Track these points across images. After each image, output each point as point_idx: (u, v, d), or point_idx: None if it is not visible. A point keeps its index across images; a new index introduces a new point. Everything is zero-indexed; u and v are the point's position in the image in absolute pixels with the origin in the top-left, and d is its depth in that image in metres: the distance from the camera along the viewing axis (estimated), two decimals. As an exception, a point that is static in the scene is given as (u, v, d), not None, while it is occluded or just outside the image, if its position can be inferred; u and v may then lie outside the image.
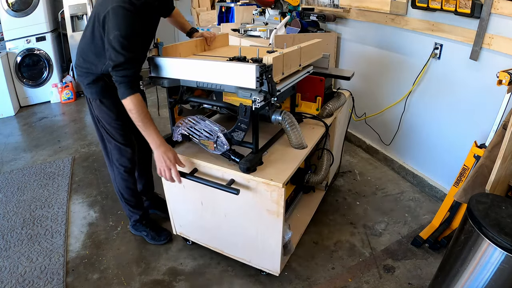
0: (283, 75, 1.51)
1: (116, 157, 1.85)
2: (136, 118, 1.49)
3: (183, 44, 1.73)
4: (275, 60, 1.37)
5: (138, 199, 2.02)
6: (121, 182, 1.91)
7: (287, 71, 1.55)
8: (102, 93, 1.68)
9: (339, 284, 1.77)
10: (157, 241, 2.02)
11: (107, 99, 1.70)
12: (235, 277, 1.81)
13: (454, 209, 1.95)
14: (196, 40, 1.84)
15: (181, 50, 1.72)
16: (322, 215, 2.24)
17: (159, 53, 1.57)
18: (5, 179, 2.71)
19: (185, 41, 1.76)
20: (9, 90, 3.99)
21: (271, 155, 1.64)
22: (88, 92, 1.71)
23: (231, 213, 1.65)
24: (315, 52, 1.83)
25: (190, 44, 1.80)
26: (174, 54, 1.66)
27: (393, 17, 2.47)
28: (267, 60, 1.35)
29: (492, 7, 1.80)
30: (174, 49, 1.66)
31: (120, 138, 1.79)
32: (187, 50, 1.77)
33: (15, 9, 3.95)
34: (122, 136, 1.79)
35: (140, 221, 2.05)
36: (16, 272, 1.84)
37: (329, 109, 1.98)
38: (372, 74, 2.82)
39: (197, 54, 1.84)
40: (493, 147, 1.63)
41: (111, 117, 1.73)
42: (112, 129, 1.76)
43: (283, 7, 2.83)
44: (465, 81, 2.09)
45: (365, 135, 3.09)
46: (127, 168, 1.87)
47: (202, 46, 1.90)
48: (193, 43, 1.82)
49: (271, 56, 1.36)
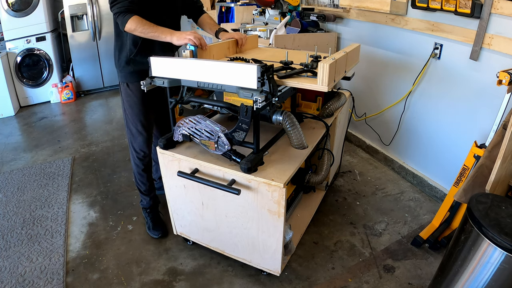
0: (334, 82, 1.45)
1: (131, 141, 2.00)
2: (143, 32, 1.63)
3: (216, 45, 1.74)
4: (331, 67, 1.33)
5: (148, 186, 2.11)
6: (134, 165, 2.07)
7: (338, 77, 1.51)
8: (129, 77, 1.86)
9: (339, 284, 1.77)
10: (151, 233, 2.10)
11: (133, 83, 1.86)
12: (235, 277, 1.81)
13: (454, 209, 1.95)
14: (229, 42, 1.85)
15: (214, 52, 1.74)
16: (322, 215, 2.24)
17: (194, 55, 1.63)
18: (5, 179, 2.71)
19: (218, 43, 1.77)
20: (9, 90, 3.99)
21: (272, 155, 1.64)
22: (119, 76, 1.90)
23: (232, 213, 1.65)
24: (355, 57, 1.81)
25: (222, 46, 1.80)
26: (208, 56, 1.69)
27: (393, 17, 2.47)
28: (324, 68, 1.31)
29: (492, 7, 1.80)
30: (208, 51, 1.69)
31: (137, 124, 1.94)
32: (220, 52, 1.79)
33: (15, 9, 3.95)
34: (140, 122, 1.94)
35: (145, 208, 2.16)
36: (16, 272, 1.84)
37: (329, 109, 1.98)
38: (372, 74, 2.82)
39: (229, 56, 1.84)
40: (493, 147, 1.63)
41: (134, 101, 1.89)
42: (132, 112, 1.92)
43: (283, 7, 2.84)
44: (465, 81, 2.09)
45: (365, 135, 3.09)
46: (139, 154, 2.01)
47: (234, 48, 1.90)
48: (226, 45, 1.82)
49: (328, 63, 1.31)
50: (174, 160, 1.69)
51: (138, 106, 1.91)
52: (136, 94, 1.89)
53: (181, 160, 1.66)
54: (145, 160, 2.04)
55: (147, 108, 1.94)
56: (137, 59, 1.81)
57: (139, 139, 1.97)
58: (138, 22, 1.62)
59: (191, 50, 1.62)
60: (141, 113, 1.93)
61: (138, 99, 1.90)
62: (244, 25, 3.51)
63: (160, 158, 1.73)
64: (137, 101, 1.90)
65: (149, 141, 2.02)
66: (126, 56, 1.82)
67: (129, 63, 1.84)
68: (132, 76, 1.86)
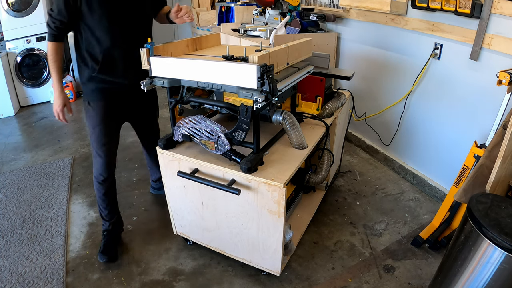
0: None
1: (93, 163, 1.90)
2: (48, 62, 1.70)
3: (174, 43, 1.72)
4: (261, 58, 1.37)
5: (109, 211, 1.98)
6: (95, 189, 1.95)
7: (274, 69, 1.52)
8: (90, 95, 1.78)
9: (339, 284, 1.77)
10: (98, 256, 1.93)
11: (94, 102, 1.77)
12: (235, 277, 1.81)
13: (454, 209, 1.95)
14: (187, 40, 1.84)
15: (172, 50, 1.71)
16: (322, 215, 2.24)
17: (150, 53, 1.56)
18: (5, 179, 2.71)
19: (176, 41, 1.75)
20: (9, 90, 3.99)
21: (272, 155, 1.64)
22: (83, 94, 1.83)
23: (231, 213, 1.65)
24: (303, 50, 1.80)
25: (181, 44, 1.78)
26: (165, 54, 1.65)
27: (393, 17, 2.47)
28: (253, 59, 1.35)
29: (492, 7, 1.80)
30: (164, 49, 1.65)
31: (98, 146, 1.83)
32: (178, 50, 1.76)
33: (15, 9, 3.95)
34: (101, 145, 1.82)
35: (103, 230, 2.02)
36: (16, 272, 1.84)
37: (329, 109, 1.98)
38: (372, 74, 2.82)
39: (188, 53, 1.83)
40: (493, 147, 1.63)
41: (96, 121, 1.79)
42: (94, 133, 1.82)
43: (283, 7, 2.83)
44: (465, 81, 2.09)
45: (365, 135, 3.09)
46: (98, 178, 1.89)
47: (193, 45, 1.89)
48: (184, 43, 1.81)
49: (257, 55, 1.35)
50: (174, 160, 1.69)
51: (100, 127, 1.79)
52: (98, 114, 1.77)
53: (181, 160, 1.66)
54: (105, 185, 1.90)
55: (110, 128, 1.82)
56: (99, 76, 1.71)
57: (99, 162, 1.86)
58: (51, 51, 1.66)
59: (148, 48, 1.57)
60: (103, 134, 1.80)
61: (99, 119, 1.77)
62: (244, 25, 3.51)
63: (160, 158, 1.73)
64: (99, 122, 1.78)
65: (110, 165, 1.89)
66: (88, 73, 1.72)
67: (91, 80, 1.73)
68: (93, 94, 1.75)
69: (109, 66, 1.71)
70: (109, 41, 1.66)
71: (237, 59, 1.53)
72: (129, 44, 1.71)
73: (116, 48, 1.69)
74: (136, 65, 1.63)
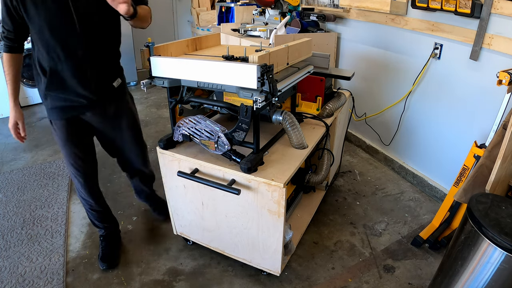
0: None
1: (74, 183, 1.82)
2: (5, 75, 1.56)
3: (174, 43, 1.73)
4: (261, 58, 1.37)
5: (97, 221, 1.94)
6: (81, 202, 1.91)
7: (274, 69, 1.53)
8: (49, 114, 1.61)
9: (339, 284, 1.77)
10: (99, 263, 1.89)
11: (55, 122, 1.62)
12: (235, 277, 1.81)
13: (454, 209, 1.95)
14: (187, 40, 1.84)
15: (172, 50, 1.71)
16: (322, 215, 2.24)
17: (150, 53, 1.56)
18: (5, 179, 2.71)
19: (176, 41, 1.76)
20: (9, 90, 3.98)
21: (272, 155, 1.64)
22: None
23: (232, 213, 1.65)
24: (303, 50, 1.80)
25: (181, 44, 1.79)
26: (165, 54, 1.66)
27: (393, 17, 2.47)
28: (253, 59, 1.35)
29: (492, 7, 1.80)
30: (164, 49, 1.66)
31: (69, 168, 1.73)
32: (178, 50, 1.76)
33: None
34: (72, 166, 1.72)
35: (99, 236, 1.99)
36: (16, 272, 1.84)
37: (329, 109, 1.98)
38: (372, 74, 2.82)
39: (188, 53, 1.83)
40: (493, 147, 1.63)
41: (61, 141, 1.66)
42: (63, 154, 1.70)
43: (283, 7, 2.83)
44: (465, 81, 2.09)
45: (365, 135, 3.09)
46: (85, 205, 1.88)
47: (193, 45, 1.89)
48: (184, 43, 1.82)
49: (257, 55, 1.36)
50: (174, 160, 1.69)
51: (66, 149, 1.65)
52: (61, 134, 1.62)
53: (181, 160, 1.66)
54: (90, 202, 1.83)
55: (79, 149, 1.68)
56: (51, 93, 1.54)
57: (78, 185, 1.76)
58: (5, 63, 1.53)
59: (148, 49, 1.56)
60: (73, 156, 1.67)
61: (64, 140, 1.63)
62: (244, 25, 3.51)
63: (160, 158, 1.73)
64: (63, 143, 1.64)
65: (91, 189, 1.79)
66: (42, 89, 1.55)
67: (46, 97, 1.56)
68: (52, 112, 1.59)
69: (58, 81, 1.53)
70: (54, 55, 1.47)
71: (237, 59, 1.53)
72: (81, 57, 1.50)
73: (63, 63, 1.49)
74: (96, 78, 1.54)
